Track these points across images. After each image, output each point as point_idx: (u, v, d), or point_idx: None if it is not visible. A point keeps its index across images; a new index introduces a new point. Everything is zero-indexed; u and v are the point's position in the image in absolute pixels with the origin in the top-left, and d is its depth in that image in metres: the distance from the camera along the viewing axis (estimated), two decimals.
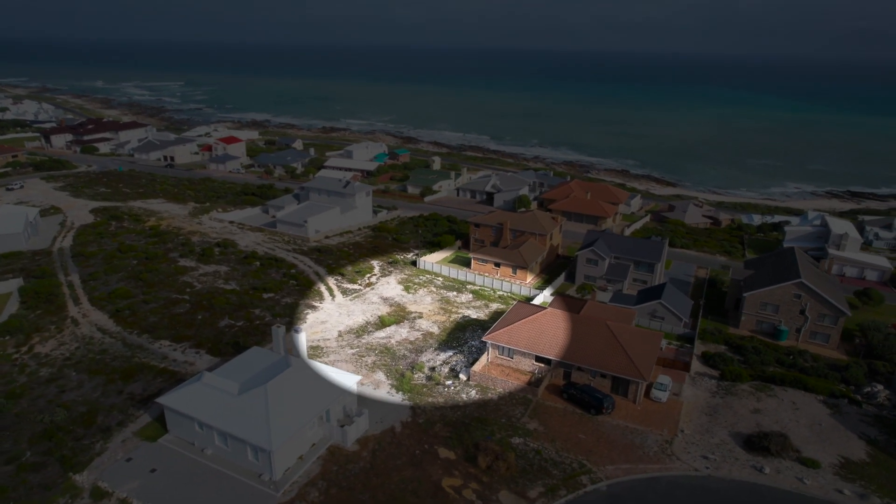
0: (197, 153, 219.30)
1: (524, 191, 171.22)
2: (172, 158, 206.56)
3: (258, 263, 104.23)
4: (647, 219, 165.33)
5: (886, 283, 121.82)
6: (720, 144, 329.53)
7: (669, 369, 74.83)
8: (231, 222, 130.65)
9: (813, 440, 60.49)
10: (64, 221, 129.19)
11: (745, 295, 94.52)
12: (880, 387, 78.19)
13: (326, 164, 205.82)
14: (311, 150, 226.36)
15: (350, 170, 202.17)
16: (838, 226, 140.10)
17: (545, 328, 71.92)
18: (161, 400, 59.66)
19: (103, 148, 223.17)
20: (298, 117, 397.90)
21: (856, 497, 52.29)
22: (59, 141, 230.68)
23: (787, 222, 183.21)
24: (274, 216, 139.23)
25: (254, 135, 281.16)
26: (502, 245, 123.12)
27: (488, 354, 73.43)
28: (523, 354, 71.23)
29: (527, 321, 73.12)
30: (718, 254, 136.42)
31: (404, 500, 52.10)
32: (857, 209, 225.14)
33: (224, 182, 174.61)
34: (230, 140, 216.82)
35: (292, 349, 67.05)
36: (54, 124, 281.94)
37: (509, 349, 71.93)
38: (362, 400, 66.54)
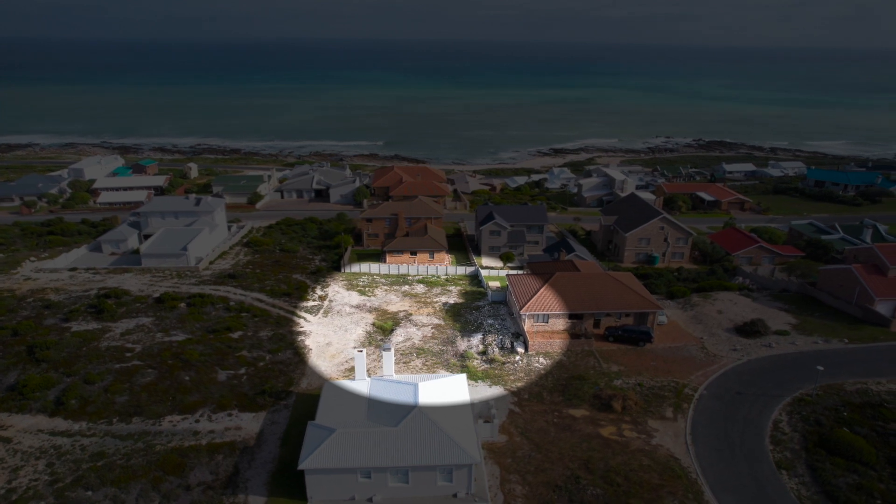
0: None
1: (357, 182, 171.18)
2: None
3: (183, 305, 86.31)
4: (455, 193, 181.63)
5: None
6: (429, 124, 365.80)
7: None
8: (73, 269, 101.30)
9: (766, 320, 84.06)
10: None
11: (626, 235, 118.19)
12: (740, 278, 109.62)
13: (96, 186, 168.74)
14: (65, 173, 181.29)
15: (132, 188, 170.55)
16: (617, 175, 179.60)
17: (566, 290, 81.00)
18: (306, 465, 50.71)
19: None
20: None
21: (824, 342, 76.65)
22: None
23: (545, 179, 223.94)
24: (115, 253, 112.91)
25: None
26: (400, 234, 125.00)
27: (524, 325, 79.18)
28: (558, 316, 79.26)
29: (547, 288, 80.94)
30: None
31: (594, 458, 56.66)
32: (566, 162, 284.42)
33: None
34: None
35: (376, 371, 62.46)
36: None
37: (545, 315, 79.06)
38: None
